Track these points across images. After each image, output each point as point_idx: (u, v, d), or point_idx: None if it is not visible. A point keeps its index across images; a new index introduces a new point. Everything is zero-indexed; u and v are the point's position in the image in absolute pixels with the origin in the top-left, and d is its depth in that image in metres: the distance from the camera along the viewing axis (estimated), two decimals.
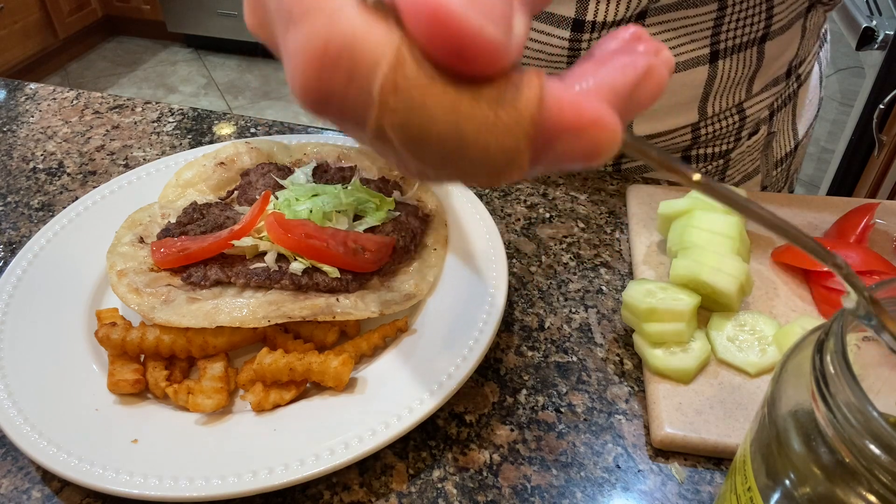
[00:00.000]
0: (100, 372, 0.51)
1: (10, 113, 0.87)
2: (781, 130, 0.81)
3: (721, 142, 0.77)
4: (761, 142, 0.80)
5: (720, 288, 0.51)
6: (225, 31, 3.52)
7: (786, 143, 0.83)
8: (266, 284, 0.54)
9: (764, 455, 0.31)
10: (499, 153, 0.23)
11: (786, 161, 0.84)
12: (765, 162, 0.82)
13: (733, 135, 0.76)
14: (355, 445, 0.45)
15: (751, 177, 0.82)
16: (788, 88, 0.79)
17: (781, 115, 0.80)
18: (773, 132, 0.80)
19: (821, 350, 0.28)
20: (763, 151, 0.81)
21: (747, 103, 0.74)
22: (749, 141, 0.79)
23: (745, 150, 0.79)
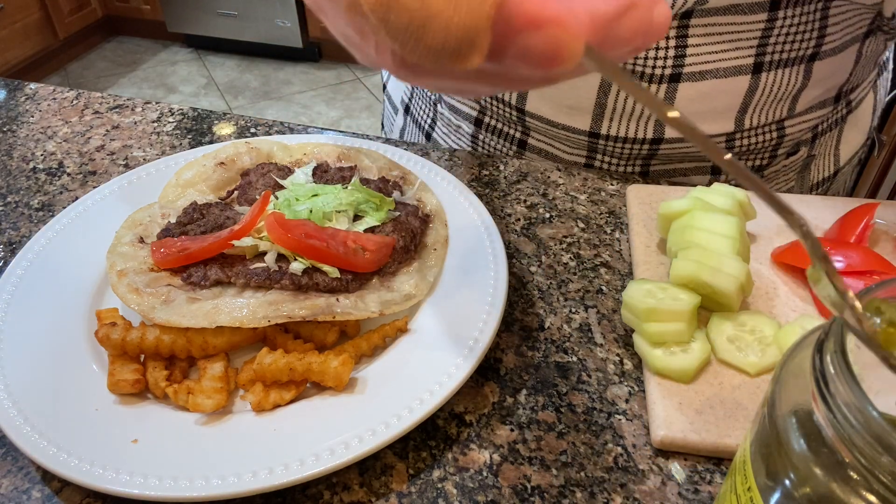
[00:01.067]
0: (100, 372, 0.51)
1: (10, 113, 0.87)
2: (822, 154, 0.79)
3: (756, 156, 0.75)
4: (799, 163, 0.78)
5: (720, 288, 0.51)
6: (225, 31, 3.52)
7: (825, 168, 0.80)
8: (266, 284, 0.54)
9: (764, 455, 0.31)
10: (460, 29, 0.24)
11: (823, 185, 0.82)
12: (799, 183, 0.80)
13: (769, 151, 0.74)
14: (355, 445, 0.45)
15: None
16: (836, 113, 0.76)
17: (825, 139, 0.78)
18: (813, 155, 0.78)
19: (821, 350, 0.28)
20: (800, 173, 0.79)
21: (788, 122, 0.72)
22: (786, 161, 0.76)
23: (780, 169, 0.77)
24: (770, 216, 0.64)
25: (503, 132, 0.78)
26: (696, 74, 0.66)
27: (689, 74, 0.66)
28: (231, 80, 3.49)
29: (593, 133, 0.72)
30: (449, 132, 0.83)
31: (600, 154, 0.74)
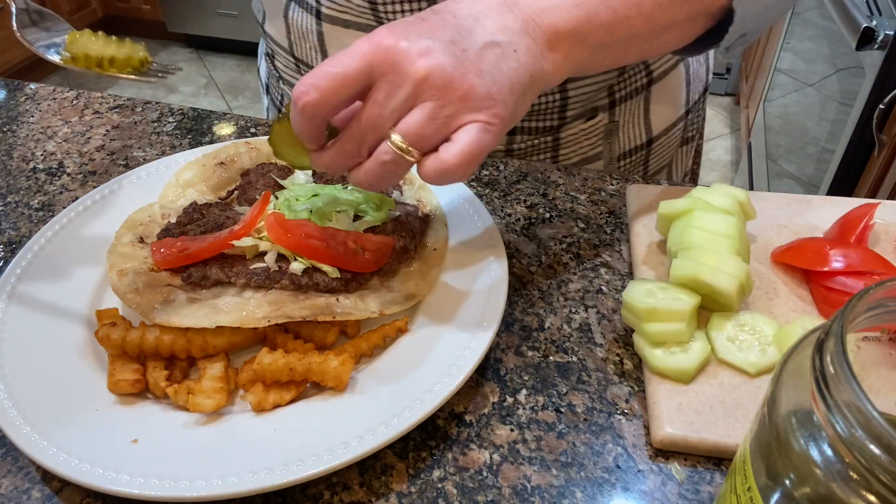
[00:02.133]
0: (100, 372, 0.51)
1: (10, 113, 0.87)
2: (629, 123, 0.81)
3: (544, 117, 0.77)
4: (601, 129, 0.80)
5: (720, 288, 0.51)
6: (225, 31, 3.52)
7: (636, 137, 0.83)
8: (266, 284, 0.54)
9: (764, 455, 0.31)
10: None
11: (635, 154, 0.84)
12: (608, 149, 0.82)
13: (556, 112, 0.76)
14: (355, 445, 0.45)
15: (591, 161, 0.82)
16: (634, 81, 0.79)
17: (628, 106, 0.80)
18: (615, 121, 0.80)
19: (821, 350, 0.28)
20: (606, 139, 0.81)
21: (570, 84, 0.74)
22: (584, 124, 0.79)
23: (580, 133, 0.79)
24: (770, 216, 0.64)
25: None
26: None
27: None
28: (231, 80, 3.49)
29: None
30: None
31: None
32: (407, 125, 0.45)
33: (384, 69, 0.44)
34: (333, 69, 0.44)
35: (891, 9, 1.40)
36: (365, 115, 0.46)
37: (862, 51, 1.39)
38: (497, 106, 0.45)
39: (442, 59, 0.44)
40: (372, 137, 0.46)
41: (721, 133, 2.92)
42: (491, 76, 0.45)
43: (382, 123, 0.45)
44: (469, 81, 0.44)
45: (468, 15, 0.47)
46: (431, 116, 0.44)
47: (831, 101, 1.71)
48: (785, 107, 2.10)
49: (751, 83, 2.70)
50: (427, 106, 0.44)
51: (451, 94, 0.44)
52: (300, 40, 0.77)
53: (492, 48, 0.46)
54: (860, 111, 1.46)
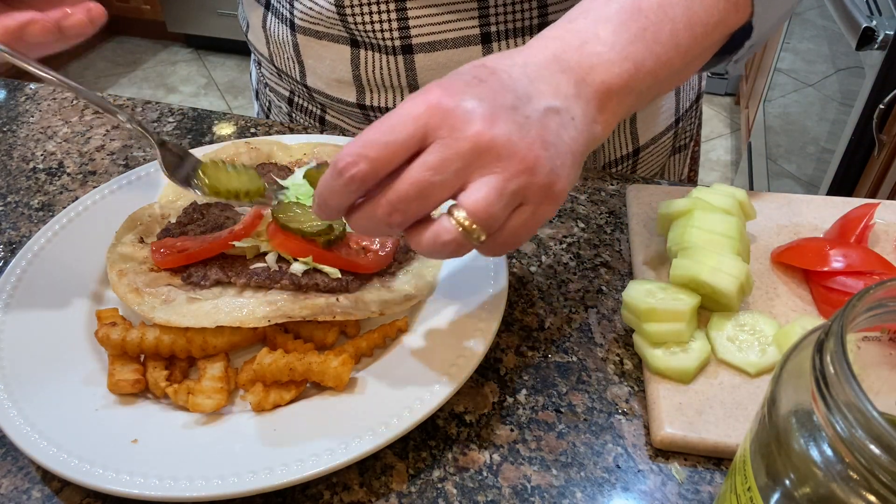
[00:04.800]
0: (100, 372, 0.51)
1: (10, 113, 0.87)
2: (614, 132, 0.80)
3: None
4: None
5: (720, 288, 0.51)
6: (225, 31, 3.52)
7: (622, 147, 0.82)
8: (266, 284, 0.54)
9: (764, 455, 0.31)
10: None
11: (621, 164, 0.84)
12: (592, 159, 0.82)
13: None
14: (355, 445, 0.45)
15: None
16: None
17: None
18: None
19: (821, 350, 0.28)
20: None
21: None
22: None
23: None
24: (770, 216, 0.65)
25: (308, 110, 0.83)
26: (427, 45, 0.69)
27: (419, 45, 0.69)
28: (231, 80, 3.49)
29: (361, 105, 0.75)
30: (279, 114, 0.89)
31: None
32: (474, 201, 0.39)
33: (441, 133, 0.39)
34: (385, 137, 0.39)
35: (891, 9, 1.40)
36: (411, 178, 0.39)
37: (862, 51, 1.39)
38: (560, 180, 0.41)
39: (506, 126, 0.39)
40: (416, 207, 0.40)
41: (721, 133, 2.92)
42: (555, 148, 0.41)
43: (431, 192, 0.39)
44: (535, 153, 0.40)
45: (522, 76, 0.43)
46: (499, 192, 0.39)
47: (831, 101, 1.71)
48: (785, 107, 2.10)
49: (751, 83, 2.71)
50: (492, 180, 0.39)
51: (516, 167, 0.39)
52: (279, 50, 0.78)
53: (553, 115, 0.42)
54: (860, 111, 1.46)
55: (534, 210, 0.41)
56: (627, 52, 0.45)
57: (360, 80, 0.73)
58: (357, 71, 0.72)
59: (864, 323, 0.31)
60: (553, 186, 0.41)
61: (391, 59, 0.70)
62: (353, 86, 0.74)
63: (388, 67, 0.71)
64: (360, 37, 0.70)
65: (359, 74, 0.73)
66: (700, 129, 0.97)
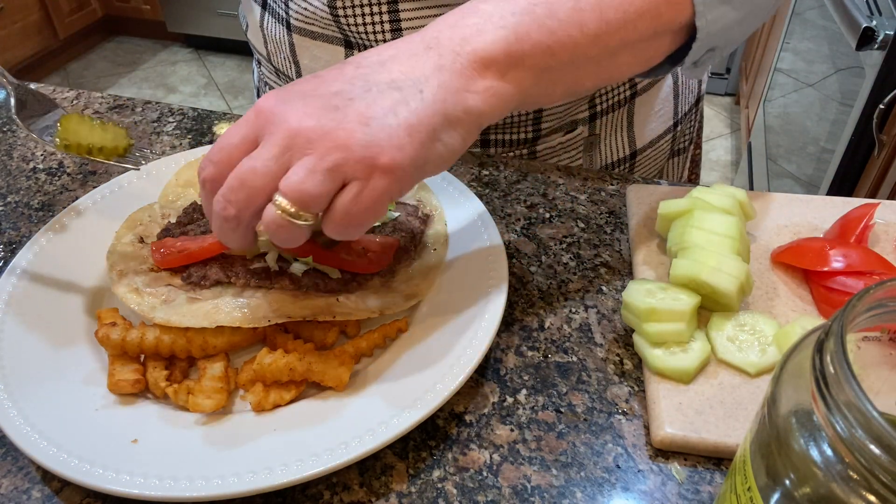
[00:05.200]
0: (100, 372, 0.51)
1: (11, 113, 0.87)
2: (611, 135, 0.80)
3: (517, 130, 0.76)
4: (580, 141, 0.79)
5: (720, 288, 0.51)
6: (225, 31, 3.52)
7: (618, 150, 0.82)
8: (266, 284, 0.54)
9: (764, 455, 0.31)
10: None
11: (618, 167, 0.83)
12: (588, 162, 0.81)
13: (530, 124, 0.75)
14: (355, 445, 0.45)
15: None
16: (616, 94, 0.77)
17: (609, 119, 0.79)
18: (596, 134, 0.79)
19: (821, 350, 0.28)
20: (587, 151, 0.80)
21: None
22: (562, 137, 0.78)
23: (559, 146, 0.78)
24: (770, 216, 0.65)
25: None
26: None
27: None
28: (231, 80, 3.49)
29: None
30: None
31: None
32: (287, 183, 0.42)
33: (264, 130, 0.43)
34: (223, 142, 0.44)
35: (891, 9, 1.40)
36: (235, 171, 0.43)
37: (862, 51, 1.39)
38: (385, 152, 0.42)
39: (318, 112, 0.42)
40: (243, 196, 0.43)
41: (721, 133, 2.92)
42: (378, 122, 0.42)
43: (254, 179, 0.42)
44: (347, 129, 0.42)
45: (375, 62, 0.45)
46: (311, 170, 0.41)
47: (831, 101, 1.71)
48: (785, 107, 2.10)
49: (751, 83, 2.71)
50: (305, 161, 0.42)
51: (327, 144, 0.42)
52: (276, 50, 0.78)
53: (389, 93, 0.43)
54: (860, 111, 1.46)
55: (363, 185, 0.42)
56: (507, 21, 0.46)
57: None
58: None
59: (864, 323, 0.31)
60: (376, 159, 0.42)
61: None
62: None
63: None
64: (354, 38, 0.70)
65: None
66: (701, 132, 0.96)
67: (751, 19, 0.56)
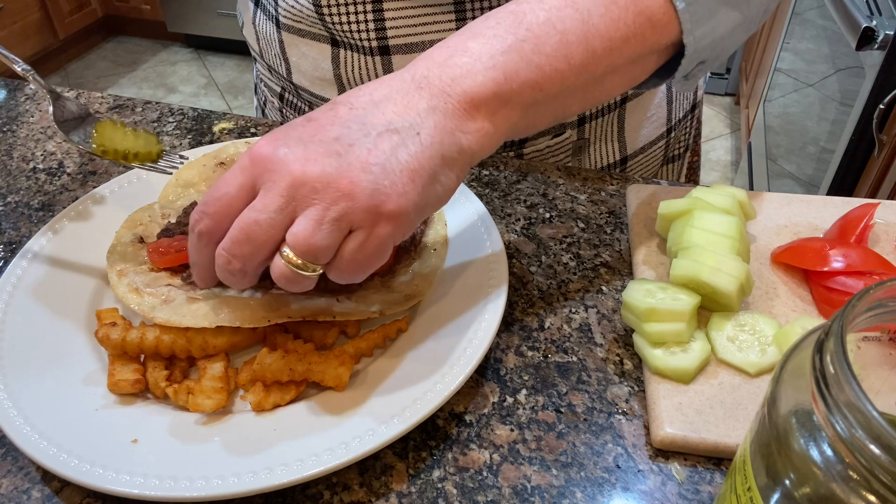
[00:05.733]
0: (100, 372, 0.51)
1: (10, 113, 0.87)
2: (601, 139, 0.80)
3: None
4: (569, 145, 0.79)
5: (720, 288, 0.51)
6: (225, 31, 3.52)
7: (609, 154, 0.82)
8: (266, 284, 0.54)
9: (764, 455, 0.31)
10: None
11: (610, 171, 0.82)
12: (577, 166, 0.81)
13: None
14: (355, 445, 0.45)
15: None
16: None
17: (598, 124, 0.78)
18: (585, 138, 0.79)
19: (821, 350, 0.28)
20: (575, 155, 0.80)
21: None
22: (549, 140, 0.78)
23: (546, 150, 0.78)
24: (770, 216, 0.65)
25: (297, 106, 0.83)
26: (404, 47, 0.68)
27: (396, 47, 0.69)
28: (231, 80, 3.49)
29: None
30: (272, 109, 0.89)
31: None
32: (293, 235, 0.41)
33: (263, 179, 0.42)
34: (219, 192, 0.43)
35: (891, 9, 1.40)
36: (238, 223, 0.42)
37: (862, 51, 1.39)
38: (391, 200, 0.42)
39: (321, 160, 0.42)
40: (248, 249, 0.42)
41: (721, 133, 2.92)
42: (381, 168, 0.42)
43: (258, 232, 0.42)
44: (350, 179, 0.41)
45: (368, 103, 0.45)
46: (318, 222, 0.41)
47: (831, 101, 1.71)
48: (785, 107, 2.10)
49: (751, 83, 2.71)
50: (311, 212, 0.41)
51: (332, 194, 0.41)
52: (267, 47, 0.78)
53: (387, 136, 0.43)
54: (860, 111, 1.46)
55: (368, 233, 0.43)
56: (496, 61, 0.45)
57: (342, 79, 0.73)
58: (338, 70, 0.73)
59: (864, 323, 0.31)
60: (381, 207, 0.42)
61: (369, 59, 0.70)
62: (334, 85, 0.74)
63: (366, 68, 0.71)
64: (339, 36, 0.70)
65: (340, 74, 0.73)
66: (698, 139, 0.95)
67: (741, 31, 0.55)
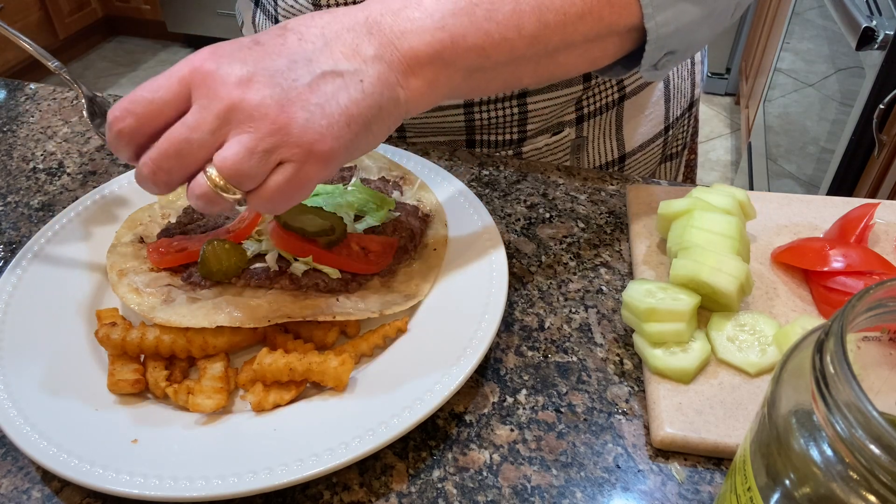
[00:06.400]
0: (100, 372, 0.51)
1: (10, 113, 0.87)
2: (599, 137, 0.80)
3: (504, 130, 0.76)
4: (567, 144, 0.79)
5: (720, 288, 0.51)
6: (225, 31, 3.52)
7: (606, 153, 0.82)
8: (266, 284, 0.54)
9: (764, 455, 0.31)
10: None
11: (608, 169, 0.83)
12: (576, 164, 0.81)
13: (516, 126, 0.76)
14: (355, 445, 0.45)
15: None
16: (603, 97, 0.76)
17: (596, 122, 0.79)
18: (584, 137, 0.79)
19: (821, 350, 0.28)
20: (574, 154, 0.80)
21: (530, 98, 0.73)
22: (548, 139, 0.78)
23: (545, 148, 0.79)
24: (770, 216, 0.65)
25: None
26: None
27: None
28: None
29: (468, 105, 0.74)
30: None
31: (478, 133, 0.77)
32: (223, 158, 0.41)
33: (199, 94, 0.42)
34: (150, 95, 0.42)
35: (891, 9, 1.40)
36: (169, 136, 0.42)
37: (862, 51, 1.39)
38: (324, 141, 0.42)
39: (262, 89, 0.41)
40: (176, 165, 0.42)
41: (721, 133, 2.92)
42: (320, 109, 0.42)
43: (189, 150, 0.42)
44: (288, 114, 0.41)
45: (318, 36, 0.44)
46: (249, 150, 0.41)
47: (831, 101, 1.71)
48: (785, 107, 2.10)
49: (751, 83, 2.71)
50: (244, 139, 0.41)
51: (267, 127, 0.41)
52: None
53: (331, 78, 0.43)
54: (860, 111, 1.46)
55: (297, 168, 0.42)
56: (446, 22, 0.46)
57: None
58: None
59: (864, 323, 0.31)
60: (314, 146, 0.42)
61: None
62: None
63: None
64: None
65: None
66: (695, 137, 0.95)
67: (707, 25, 0.55)
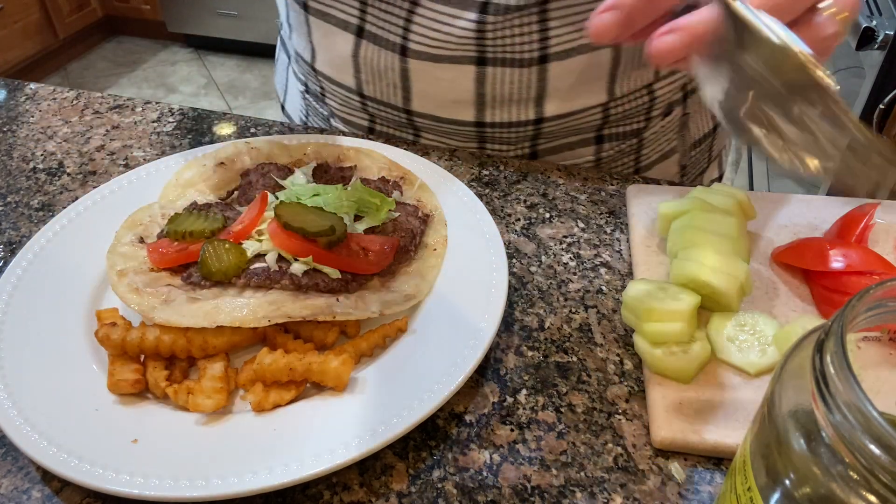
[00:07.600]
0: (100, 372, 0.51)
1: (10, 113, 0.87)
2: (697, 112, 0.83)
3: (632, 121, 0.78)
4: (676, 122, 0.81)
5: (720, 288, 0.51)
6: (225, 31, 3.52)
7: (704, 125, 0.84)
8: (266, 284, 0.54)
9: (764, 455, 0.31)
10: None
11: (704, 142, 0.86)
12: (681, 142, 0.83)
13: (643, 114, 0.78)
14: (355, 445, 0.45)
15: (668, 156, 0.83)
16: None
17: (696, 97, 0.81)
18: (687, 113, 0.82)
19: (821, 350, 0.28)
20: (679, 132, 0.82)
21: (656, 84, 0.76)
22: (662, 121, 0.80)
23: (660, 131, 0.81)
24: (770, 216, 0.65)
25: (394, 136, 0.81)
26: (563, 53, 0.69)
27: (555, 54, 0.69)
28: (231, 80, 3.49)
29: (479, 123, 0.75)
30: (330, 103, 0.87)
31: (489, 142, 0.78)
32: None
33: None
34: None
35: (891, 9, 1.40)
36: None
37: (862, 51, 1.39)
38: None
39: None
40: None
41: None
42: None
43: None
44: None
45: None
46: None
47: None
48: None
49: None
50: None
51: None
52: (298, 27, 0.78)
53: None
54: (860, 111, 1.46)
55: None
56: None
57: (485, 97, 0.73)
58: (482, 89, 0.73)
59: (864, 323, 0.31)
60: None
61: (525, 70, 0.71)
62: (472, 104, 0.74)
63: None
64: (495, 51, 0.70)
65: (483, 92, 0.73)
66: None
67: None
